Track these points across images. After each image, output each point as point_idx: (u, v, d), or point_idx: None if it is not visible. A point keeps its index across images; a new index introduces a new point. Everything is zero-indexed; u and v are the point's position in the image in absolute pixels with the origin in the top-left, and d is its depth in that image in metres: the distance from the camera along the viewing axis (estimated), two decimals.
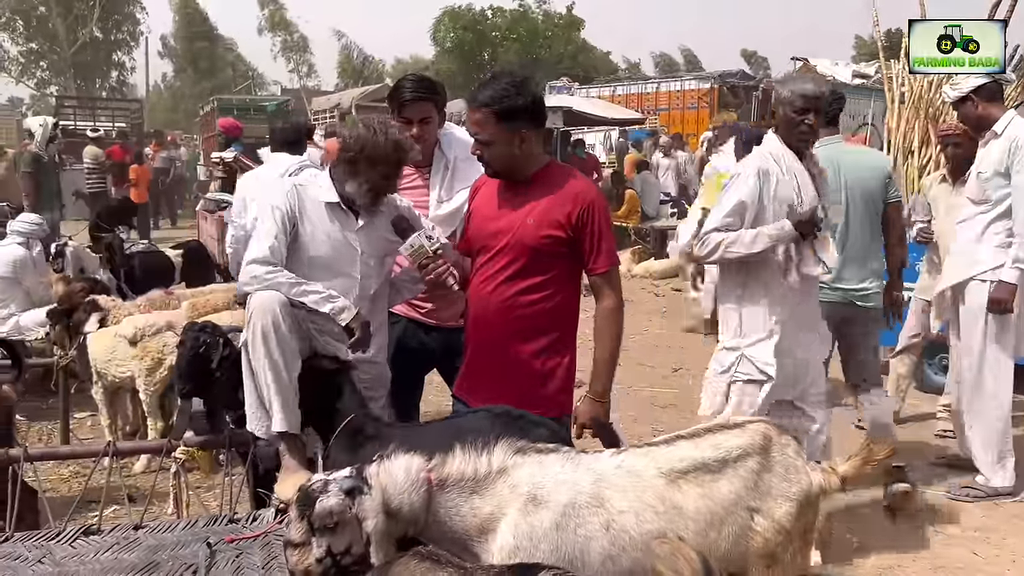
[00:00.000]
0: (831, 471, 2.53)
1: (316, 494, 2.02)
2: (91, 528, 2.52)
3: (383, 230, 3.10)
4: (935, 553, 3.97)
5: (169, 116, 41.12)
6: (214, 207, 9.33)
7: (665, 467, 2.30)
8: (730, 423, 2.50)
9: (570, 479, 2.21)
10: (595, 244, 2.76)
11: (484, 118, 2.75)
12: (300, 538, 2.03)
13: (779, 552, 2.40)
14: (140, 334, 4.72)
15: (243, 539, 2.50)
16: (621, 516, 2.19)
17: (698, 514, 2.28)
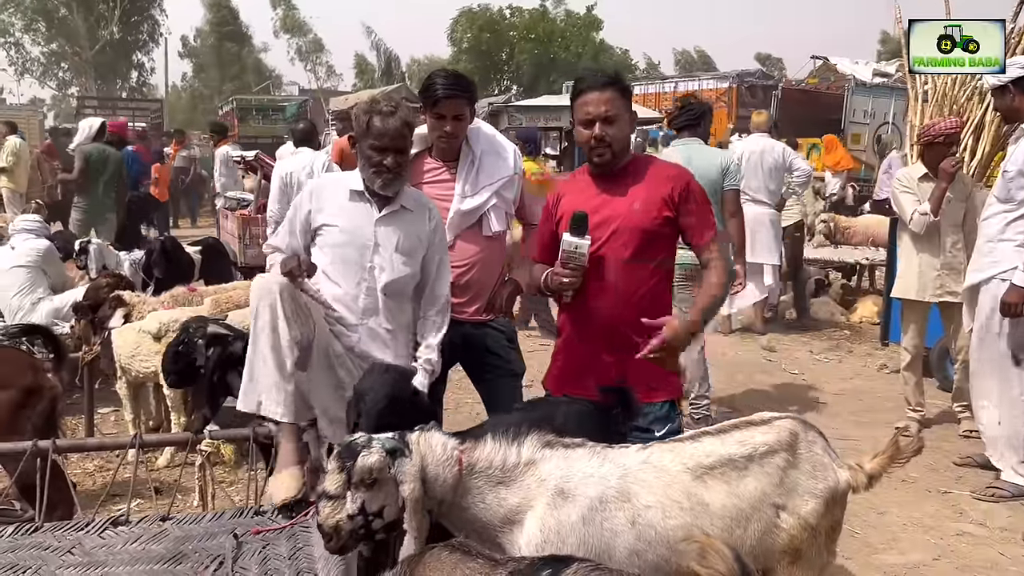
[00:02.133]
0: (858, 468, 2.51)
1: (359, 448, 2.03)
2: (119, 519, 2.54)
3: (412, 226, 3.09)
4: (960, 553, 3.93)
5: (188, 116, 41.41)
6: (235, 205, 9.39)
7: (691, 463, 2.30)
8: (757, 419, 2.48)
9: (597, 473, 2.21)
10: (698, 218, 2.90)
11: (612, 95, 2.85)
12: (336, 491, 2.02)
13: (805, 549, 2.39)
14: (164, 329, 4.75)
15: (269, 531, 2.52)
16: (647, 511, 2.20)
17: (724, 511, 2.27)
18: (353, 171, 3.18)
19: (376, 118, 2.96)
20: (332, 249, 3.05)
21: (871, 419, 5.82)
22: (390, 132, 2.94)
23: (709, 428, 2.46)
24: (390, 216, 3.06)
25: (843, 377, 6.88)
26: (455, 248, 3.39)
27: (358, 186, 3.07)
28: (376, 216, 3.04)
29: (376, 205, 3.05)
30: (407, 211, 3.09)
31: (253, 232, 8.10)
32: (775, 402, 6.14)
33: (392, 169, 2.97)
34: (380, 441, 2.07)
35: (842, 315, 8.94)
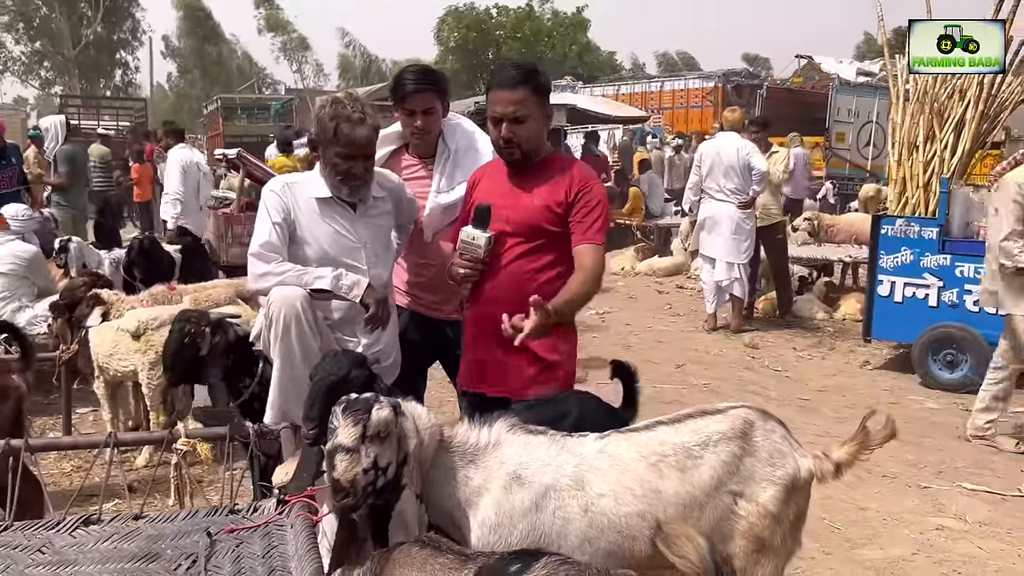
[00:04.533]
0: (823, 457, 2.50)
1: (371, 402, 2.07)
2: (91, 518, 2.50)
3: (384, 217, 3.11)
4: (939, 547, 3.94)
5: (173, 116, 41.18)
6: (217, 204, 9.34)
7: (646, 451, 2.31)
8: (711, 409, 2.48)
9: (553, 462, 2.24)
10: (584, 218, 2.81)
11: (524, 95, 2.77)
12: (352, 443, 2.03)
13: (767, 536, 2.39)
14: (143, 327, 4.70)
15: (243, 529, 2.48)
16: (600, 499, 2.22)
17: (677, 497, 2.27)
18: (314, 175, 3.07)
19: (344, 125, 2.85)
20: (318, 260, 2.97)
21: (852, 415, 5.81)
22: (359, 141, 2.87)
23: (664, 418, 2.45)
24: (366, 211, 3.04)
25: (826, 374, 6.90)
26: (432, 245, 3.37)
27: (324, 193, 2.99)
28: (354, 218, 3.01)
29: (349, 207, 3.01)
30: (379, 200, 3.08)
31: (235, 231, 8.07)
32: (758, 399, 6.14)
33: (361, 176, 2.92)
34: (383, 399, 2.12)
35: (825, 312, 8.96)
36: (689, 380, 6.62)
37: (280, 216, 2.95)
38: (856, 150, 16.63)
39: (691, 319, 8.89)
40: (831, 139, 16.56)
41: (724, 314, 8.40)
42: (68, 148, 8.73)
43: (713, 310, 8.28)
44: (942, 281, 6.47)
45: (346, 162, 2.88)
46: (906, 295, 6.63)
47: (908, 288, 6.62)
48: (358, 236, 3.00)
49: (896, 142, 6.99)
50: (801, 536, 2.49)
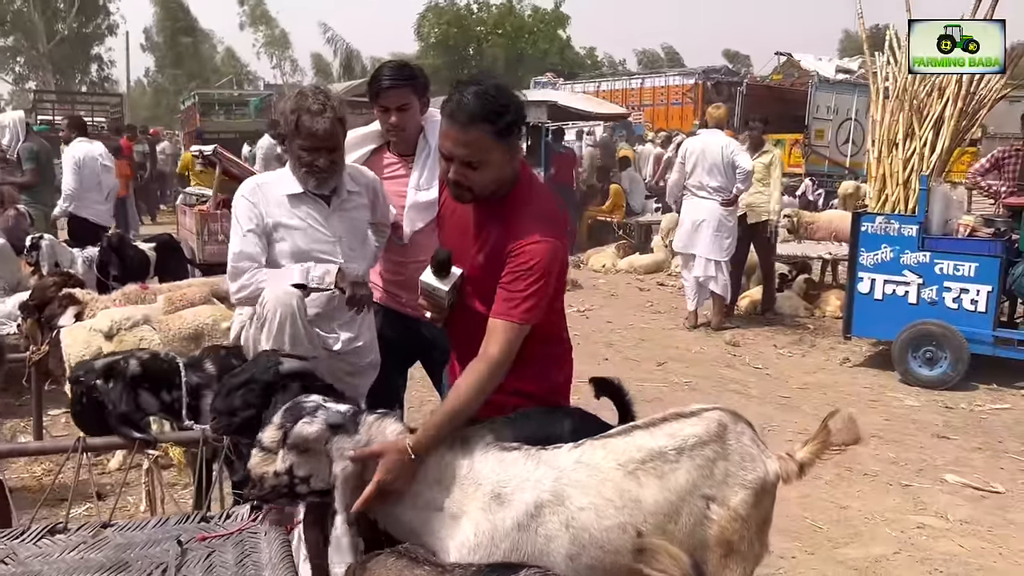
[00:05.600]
0: (787, 458, 2.47)
1: (303, 413, 2.05)
2: (57, 527, 2.43)
3: (359, 210, 3.05)
4: (921, 546, 3.94)
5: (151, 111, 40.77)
6: (194, 201, 9.22)
7: (623, 458, 2.25)
8: (686, 411, 2.43)
9: (532, 477, 2.17)
10: (508, 285, 2.35)
11: (479, 138, 2.29)
12: (270, 444, 2.07)
13: (735, 540, 2.35)
14: (116, 327, 4.60)
15: (215, 537, 2.41)
16: (581, 513, 2.15)
17: (657, 506, 2.22)
18: (283, 172, 3.02)
19: (305, 117, 2.80)
20: (293, 256, 2.92)
21: None
22: (319, 133, 2.81)
23: (639, 422, 2.40)
24: (341, 205, 2.99)
25: (807, 371, 6.91)
26: (411, 245, 3.31)
27: (295, 188, 2.93)
28: (328, 212, 2.95)
29: (323, 201, 2.95)
30: (354, 194, 3.02)
31: (212, 228, 7.96)
32: (739, 397, 6.13)
33: (325, 169, 2.86)
34: (327, 413, 2.08)
35: (806, 309, 8.98)
36: (671, 378, 6.60)
37: (252, 223, 2.90)
38: (835, 147, 16.71)
39: (672, 316, 8.88)
40: (810, 136, 16.63)
41: (705, 312, 8.40)
42: (30, 145, 8.54)
43: (694, 307, 8.27)
44: (922, 278, 6.48)
45: (309, 154, 2.83)
46: (886, 292, 6.65)
47: (888, 285, 6.63)
48: (332, 230, 2.94)
49: (876, 139, 6.99)
50: (768, 540, 2.46)
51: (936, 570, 3.73)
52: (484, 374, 2.30)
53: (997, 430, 5.49)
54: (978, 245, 6.35)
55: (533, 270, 2.34)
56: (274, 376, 2.39)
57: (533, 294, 2.35)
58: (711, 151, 7.81)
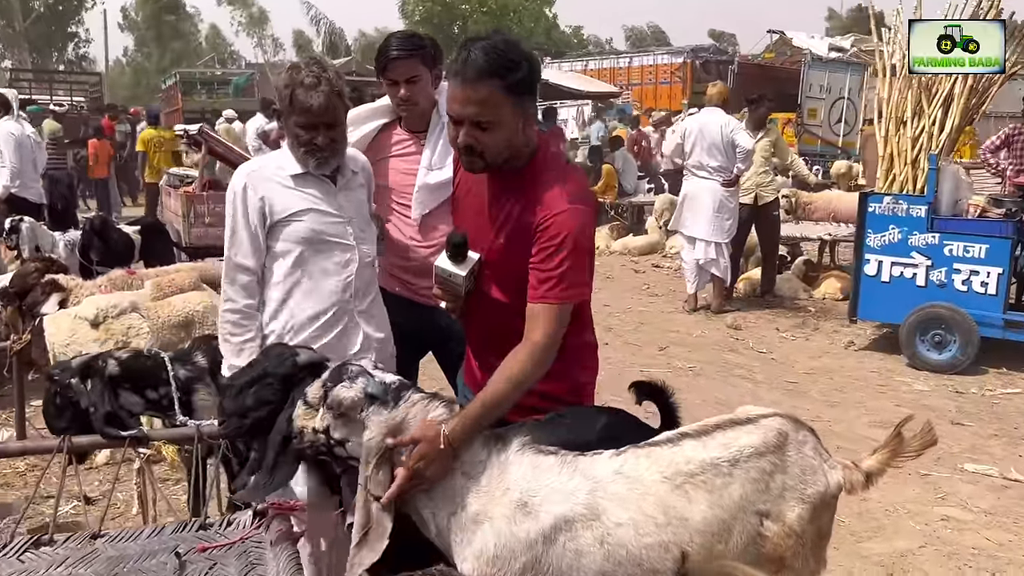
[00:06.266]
0: (854, 467, 2.29)
1: (346, 376, 1.98)
2: (42, 539, 2.22)
3: (362, 190, 2.84)
4: (946, 539, 3.81)
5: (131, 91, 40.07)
6: (178, 182, 8.94)
7: (669, 471, 2.05)
8: (742, 417, 2.24)
9: (565, 488, 1.98)
10: (541, 264, 2.16)
11: (489, 95, 2.09)
12: (312, 400, 2.00)
13: (789, 558, 2.17)
14: (103, 315, 4.39)
15: (216, 547, 2.22)
16: (618, 529, 1.97)
17: (706, 524, 2.03)
18: (281, 152, 2.78)
19: (299, 91, 2.58)
20: (304, 242, 2.68)
21: (842, 399, 5.70)
22: (315, 108, 2.58)
23: (689, 428, 2.21)
24: (347, 184, 2.77)
25: (812, 355, 6.76)
26: (423, 226, 3.10)
27: (297, 169, 2.70)
28: (335, 191, 2.73)
29: (328, 179, 2.73)
30: (355, 174, 2.81)
31: (198, 210, 7.70)
32: (746, 382, 5.98)
33: (325, 147, 2.63)
34: (368, 381, 1.98)
35: (805, 291, 8.84)
36: (674, 363, 6.44)
37: (252, 220, 2.66)
38: (828, 127, 16.53)
39: (670, 299, 8.71)
40: (803, 116, 16.44)
41: (704, 294, 8.24)
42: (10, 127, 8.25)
43: (694, 290, 8.11)
44: (930, 260, 6.33)
45: (307, 132, 2.61)
46: (893, 274, 6.50)
47: (895, 267, 6.48)
48: (343, 211, 2.73)
49: (883, 117, 6.82)
50: (825, 555, 2.28)
51: (965, 565, 3.59)
52: (527, 362, 2.12)
53: (1012, 416, 5.37)
54: (989, 226, 6.20)
55: (564, 243, 2.15)
56: (292, 368, 2.16)
57: (569, 269, 2.16)
58: (710, 130, 7.62)
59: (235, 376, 2.23)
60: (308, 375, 2.11)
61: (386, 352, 2.88)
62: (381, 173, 3.14)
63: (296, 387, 2.08)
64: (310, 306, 2.69)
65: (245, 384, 2.13)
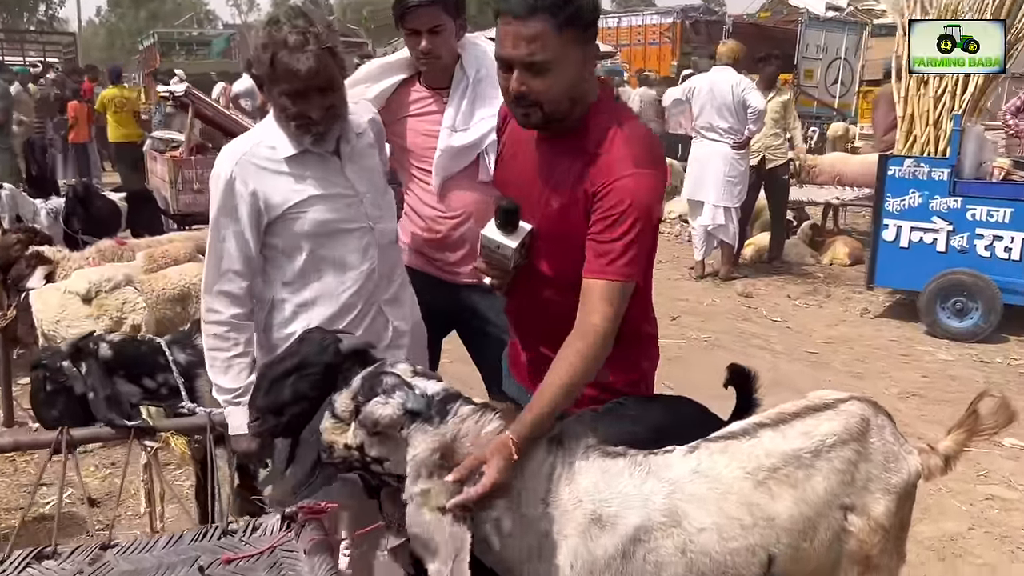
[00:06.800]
0: (931, 450, 2.10)
1: (380, 389, 1.66)
2: (44, 551, 1.97)
3: (370, 153, 2.43)
4: (994, 520, 3.64)
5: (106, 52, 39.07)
6: (163, 147, 8.58)
7: (751, 466, 1.84)
8: (819, 402, 2.03)
9: (640, 493, 1.75)
10: (600, 235, 1.90)
11: (543, 31, 1.80)
12: (341, 413, 1.70)
13: (876, 555, 1.97)
14: (95, 290, 4.11)
15: (244, 558, 1.97)
16: (701, 535, 1.75)
17: (792, 523, 1.83)
18: (268, 127, 2.33)
19: (283, 54, 2.13)
20: (311, 237, 2.30)
21: (865, 370, 5.51)
22: (304, 73, 2.14)
23: (764, 417, 1.98)
24: (352, 155, 2.36)
25: (828, 324, 6.56)
26: (444, 196, 2.82)
27: (290, 149, 2.25)
28: (340, 165, 2.33)
29: (329, 153, 2.31)
30: (361, 135, 2.40)
31: (186, 176, 7.38)
32: (765, 353, 5.78)
33: (320, 120, 2.20)
34: (407, 395, 1.66)
35: (812, 257, 8.64)
36: (688, 334, 6.22)
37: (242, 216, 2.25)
38: (824, 87, 16.25)
39: (675, 266, 8.48)
40: (799, 76, 16.14)
41: (710, 261, 8.01)
42: None
43: (701, 257, 7.87)
44: (952, 225, 6.12)
45: (296, 102, 2.17)
46: (913, 240, 6.28)
47: (915, 233, 6.27)
48: (353, 189, 2.33)
49: (902, 76, 6.55)
50: (905, 548, 2.08)
51: (1018, 548, 3.42)
52: (586, 351, 1.84)
53: None
54: (1014, 189, 6.00)
55: (628, 212, 1.87)
56: (334, 356, 1.88)
57: (633, 242, 1.87)
58: (720, 90, 7.32)
59: (268, 367, 1.95)
60: (353, 364, 1.85)
61: (419, 342, 2.57)
62: (398, 134, 2.84)
63: (339, 378, 1.82)
64: (328, 308, 2.33)
65: (280, 375, 1.86)
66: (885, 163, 6.36)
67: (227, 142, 2.58)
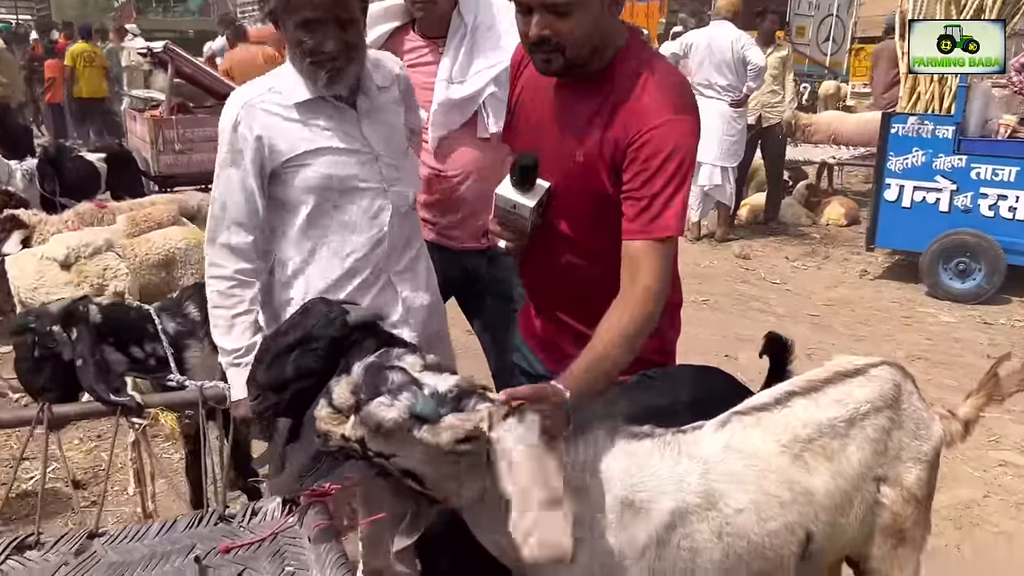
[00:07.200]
0: (951, 416, 2.00)
1: (384, 388, 1.43)
2: (27, 540, 1.82)
3: (393, 109, 2.23)
4: (1008, 487, 3.56)
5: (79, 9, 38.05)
6: (143, 105, 8.29)
7: (786, 437, 1.71)
8: (849, 367, 1.90)
9: (673, 475, 1.60)
10: (640, 190, 1.73)
11: None
12: (339, 404, 1.47)
13: (909, 527, 1.87)
14: (74, 255, 3.93)
15: (243, 546, 1.84)
16: (738, 517, 1.62)
17: (829, 497, 1.72)
18: (279, 74, 2.15)
19: None
20: (317, 191, 2.10)
21: (869, 332, 5.41)
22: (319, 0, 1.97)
23: (794, 385, 1.85)
24: (371, 107, 2.16)
25: (827, 285, 6.45)
26: (441, 154, 2.63)
27: (304, 94, 2.07)
28: (355, 119, 2.13)
29: (347, 103, 2.12)
30: (384, 90, 2.20)
31: (167, 136, 7.11)
32: (767, 316, 5.67)
33: (337, 55, 2.01)
34: (415, 397, 1.42)
35: (808, 217, 8.51)
36: (687, 297, 5.94)
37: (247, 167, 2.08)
38: (815, 45, 16.00)
39: None
40: (791, 34, 15.87)
41: (705, 222, 7.86)
42: None
43: (698, 218, 7.71)
44: (955, 184, 5.99)
45: (311, 34, 1.99)
46: (915, 200, 6.15)
47: (918, 192, 6.14)
48: (368, 145, 2.14)
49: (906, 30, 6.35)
50: (930, 518, 1.98)
51: None
52: (639, 312, 1.67)
53: None
54: (1020, 147, 5.86)
55: (668, 161, 1.72)
56: (341, 329, 1.71)
57: (675, 193, 1.72)
58: (719, 45, 7.10)
59: (270, 340, 1.78)
60: (362, 337, 1.68)
61: (434, 323, 2.36)
62: None
63: (347, 353, 1.65)
64: (331, 271, 2.15)
65: (283, 350, 1.69)
66: (888, 120, 6.21)
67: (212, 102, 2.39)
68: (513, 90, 2.10)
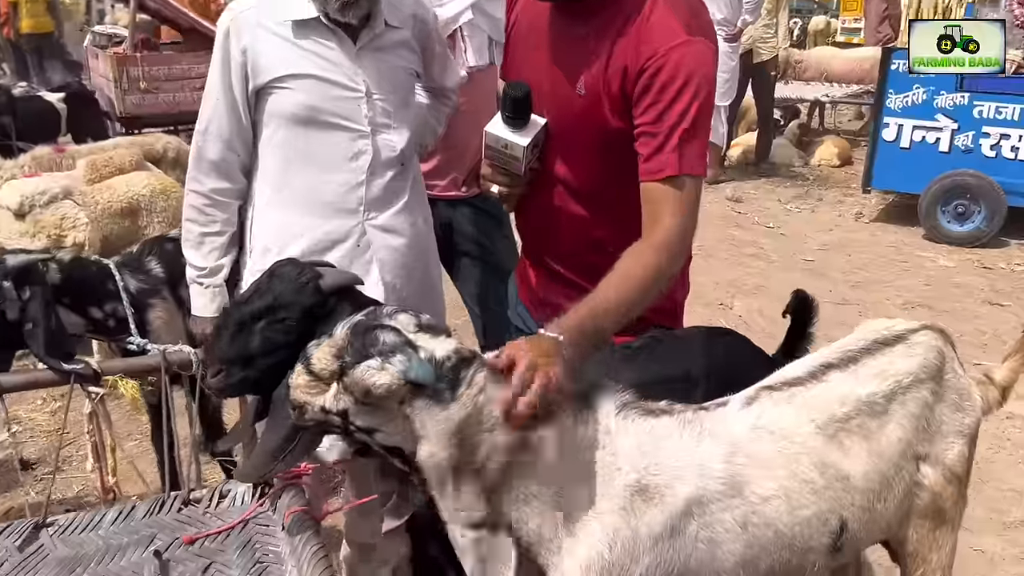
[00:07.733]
0: (988, 382, 1.82)
1: (374, 350, 1.23)
2: None
3: (400, 52, 2.01)
4: (1017, 442, 3.45)
5: None
6: (106, 42, 7.85)
7: (821, 417, 1.51)
8: (888, 335, 1.69)
9: (693, 457, 1.42)
10: (656, 122, 1.54)
11: None
12: (319, 371, 1.27)
13: (948, 508, 1.70)
14: (28, 203, 3.67)
15: (209, 535, 1.64)
16: (766, 506, 1.43)
17: (867, 481, 1.53)
18: None
19: None
20: (293, 119, 1.91)
21: (865, 278, 5.25)
22: None
23: (829, 356, 1.65)
24: (373, 42, 1.94)
25: (821, 229, 6.27)
26: None
27: (305, 12, 1.87)
28: (352, 51, 1.91)
29: (346, 33, 1.91)
30: (393, 29, 1.98)
31: (132, 74, 6.72)
32: (759, 262, 5.49)
33: None
34: (410, 361, 1.22)
35: (800, 158, 8.29)
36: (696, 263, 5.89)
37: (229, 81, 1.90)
38: None
39: None
40: None
41: None
42: None
43: None
44: (957, 123, 5.79)
45: None
46: (915, 140, 5.95)
47: (917, 132, 5.93)
48: (356, 79, 1.91)
49: None
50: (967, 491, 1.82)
51: None
52: (654, 263, 1.49)
53: None
54: None
55: (686, 88, 1.52)
56: (314, 295, 1.49)
57: (696, 125, 1.53)
58: None
59: (232, 307, 1.56)
60: (338, 304, 1.46)
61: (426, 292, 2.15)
62: None
63: (321, 322, 1.43)
64: (301, 211, 1.95)
65: (248, 318, 1.46)
66: (889, 56, 5.96)
67: None
68: (509, 20, 1.86)
